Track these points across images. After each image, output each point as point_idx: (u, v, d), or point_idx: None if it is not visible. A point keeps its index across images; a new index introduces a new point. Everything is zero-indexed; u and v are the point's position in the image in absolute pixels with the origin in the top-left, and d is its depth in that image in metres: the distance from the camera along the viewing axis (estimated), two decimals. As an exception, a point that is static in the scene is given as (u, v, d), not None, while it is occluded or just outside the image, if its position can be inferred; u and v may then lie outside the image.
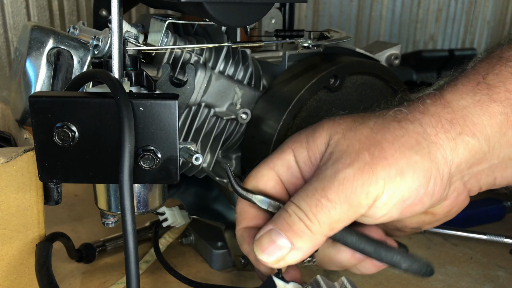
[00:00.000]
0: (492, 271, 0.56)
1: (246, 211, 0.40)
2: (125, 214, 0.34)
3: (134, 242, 0.35)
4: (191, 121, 0.51)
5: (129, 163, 0.34)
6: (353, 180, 0.33)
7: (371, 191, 0.33)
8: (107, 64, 0.40)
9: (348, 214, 0.34)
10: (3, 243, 0.45)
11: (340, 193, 0.34)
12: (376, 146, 0.34)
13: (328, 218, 0.34)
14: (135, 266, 0.35)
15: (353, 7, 1.30)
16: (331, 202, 0.34)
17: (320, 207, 0.34)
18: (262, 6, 0.43)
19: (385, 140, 0.34)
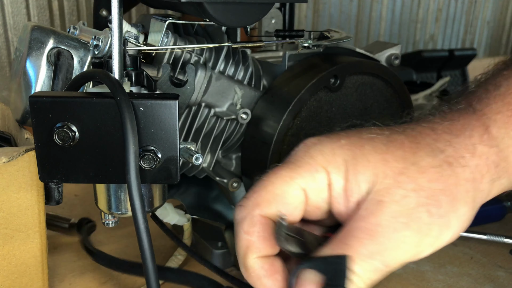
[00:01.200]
0: (492, 271, 0.56)
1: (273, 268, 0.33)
2: (136, 214, 0.34)
3: (149, 239, 0.35)
4: (191, 121, 0.51)
5: (135, 164, 0.34)
6: (410, 243, 0.31)
7: (421, 250, 0.32)
8: (107, 64, 0.40)
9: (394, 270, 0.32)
10: (4, 243, 0.45)
11: (397, 257, 0.31)
12: (434, 201, 0.32)
13: (380, 278, 0.32)
14: (152, 263, 0.35)
15: (353, 7, 1.30)
16: (388, 267, 0.31)
17: (377, 271, 0.31)
18: (262, 6, 0.43)
19: (442, 192, 0.32)
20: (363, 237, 0.31)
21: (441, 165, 0.32)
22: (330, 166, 0.33)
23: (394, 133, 0.34)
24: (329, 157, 0.33)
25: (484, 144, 0.34)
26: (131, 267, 0.52)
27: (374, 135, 0.34)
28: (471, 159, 0.33)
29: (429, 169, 0.32)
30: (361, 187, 0.32)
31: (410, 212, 0.31)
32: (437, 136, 0.34)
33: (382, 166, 0.32)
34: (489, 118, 0.34)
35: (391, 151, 0.33)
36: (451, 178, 0.32)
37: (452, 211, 0.32)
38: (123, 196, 0.42)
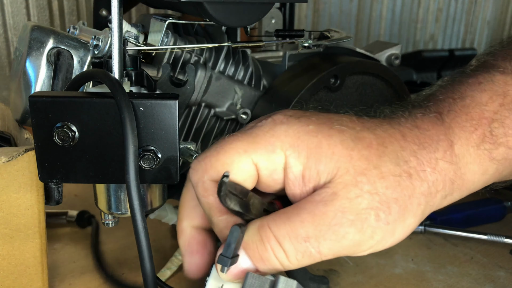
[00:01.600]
0: (492, 271, 0.56)
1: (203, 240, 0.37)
2: (134, 214, 0.34)
3: (147, 240, 0.35)
4: (191, 121, 0.51)
5: (134, 164, 0.34)
6: (351, 240, 0.32)
7: (360, 249, 0.33)
8: (107, 64, 0.40)
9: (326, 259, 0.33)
10: (3, 243, 0.45)
11: (333, 248, 0.32)
12: (385, 206, 0.32)
13: (308, 264, 0.32)
14: (149, 263, 0.35)
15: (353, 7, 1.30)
16: (320, 255, 0.32)
17: (307, 255, 0.31)
18: (262, 6, 0.43)
19: (395, 201, 0.32)
20: (306, 219, 0.31)
21: (401, 175, 0.33)
22: (291, 150, 0.32)
23: (365, 130, 0.34)
24: (292, 141, 0.33)
25: (446, 160, 0.34)
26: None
27: (344, 127, 0.34)
28: (431, 174, 0.34)
29: (389, 176, 0.32)
30: (321, 177, 0.32)
31: (359, 211, 0.31)
32: (405, 144, 0.34)
33: (346, 162, 0.32)
34: (454, 133, 0.35)
35: (358, 149, 0.33)
36: (407, 189, 0.33)
37: (400, 221, 0.33)
38: (123, 196, 0.42)
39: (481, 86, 0.36)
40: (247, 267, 0.32)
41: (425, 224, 0.63)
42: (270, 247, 0.31)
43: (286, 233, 0.31)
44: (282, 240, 0.31)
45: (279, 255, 0.31)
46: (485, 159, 0.35)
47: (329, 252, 0.32)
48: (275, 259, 0.32)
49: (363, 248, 0.33)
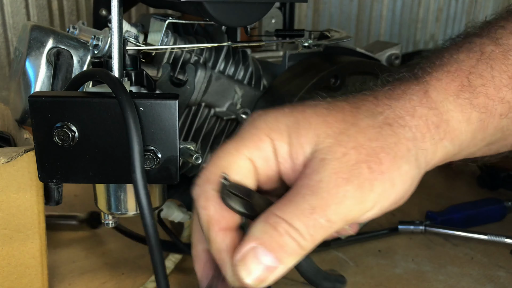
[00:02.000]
0: (492, 271, 0.56)
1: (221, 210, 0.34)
2: (143, 212, 0.34)
3: (156, 237, 0.35)
4: (191, 121, 0.51)
5: (140, 162, 0.34)
6: (352, 198, 0.32)
7: (366, 207, 0.33)
8: (107, 64, 0.40)
9: (340, 227, 0.33)
10: (3, 243, 0.45)
11: (340, 212, 0.32)
12: (374, 157, 0.33)
13: (324, 236, 0.32)
14: (159, 259, 0.35)
15: (353, 7, 1.29)
16: (331, 223, 0.32)
17: (319, 227, 0.31)
18: (262, 6, 0.43)
19: (382, 150, 0.33)
20: (306, 192, 0.32)
21: (380, 126, 0.34)
22: (273, 133, 0.34)
23: (336, 100, 0.36)
24: (272, 125, 0.34)
25: (424, 106, 0.35)
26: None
27: (317, 103, 0.36)
28: (410, 120, 0.34)
29: (368, 129, 0.33)
30: (305, 149, 0.33)
31: (351, 168, 0.32)
32: (377, 101, 0.35)
33: (324, 127, 0.33)
34: (429, 83, 0.36)
35: (332, 114, 0.34)
36: (391, 137, 0.33)
37: (394, 169, 0.33)
38: (122, 196, 0.42)
39: (460, 49, 0.38)
40: (270, 263, 0.31)
41: (425, 224, 0.63)
42: (283, 230, 0.31)
43: (292, 213, 0.31)
44: (291, 220, 0.31)
45: (294, 235, 0.31)
46: (466, 107, 0.35)
47: (338, 217, 0.32)
48: (291, 241, 0.31)
49: (368, 205, 0.33)
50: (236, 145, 0.34)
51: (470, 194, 0.78)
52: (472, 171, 0.86)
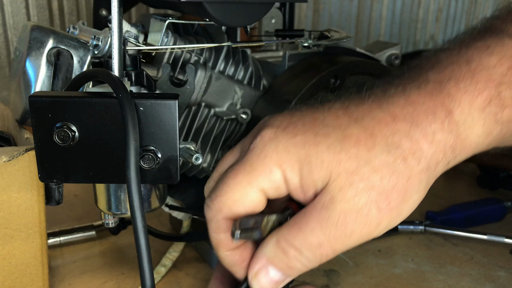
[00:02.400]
0: (492, 271, 0.56)
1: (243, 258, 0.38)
2: (134, 211, 0.34)
3: (146, 239, 0.35)
4: (191, 121, 0.51)
5: (135, 160, 0.34)
6: (359, 234, 0.33)
7: (370, 237, 0.34)
8: (107, 64, 0.40)
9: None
10: (4, 243, 0.45)
11: (346, 244, 0.34)
12: (384, 198, 0.33)
13: (326, 260, 0.34)
14: (148, 264, 0.36)
15: (353, 7, 1.29)
16: (336, 252, 0.34)
17: (325, 257, 0.34)
18: (262, 6, 0.43)
19: (393, 189, 0.33)
20: (315, 226, 0.33)
21: (395, 161, 0.33)
22: (284, 164, 0.34)
23: (351, 125, 0.34)
24: (283, 156, 0.34)
25: (444, 130, 0.33)
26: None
27: (330, 128, 0.34)
28: (427, 149, 0.33)
29: (382, 167, 0.33)
30: (317, 184, 0.34)
31: (359, 209, 0.33)
32: (396, 127, 0.33)
33: (336, 166, 0.33)
34: (454, 100, 0.34)
35: (346, 149, 0.33)
36: (404, 173, 0.33)
37: (403, 202, 0.33)
38: (122, 196, 0.42)
39: (489, 49, 0.35)
40: (279, 278, 0.35)
41: (425, 224, 0.63)
42: (293, 257, 0.34)
43: (302, 243, 0.34)
44: (300, 249, 0.34)
45: (303, 260, 0.34)
46: (490, 122, 0.34)
47: (344, 247, 0.34)
48: (300, 264, 0.34)
49: (374, 234, 0.34)
50: (248, 178, 0.34)
51: (470, 194, 0.78)
52: (472, 171, 0.86)
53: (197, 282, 0.54)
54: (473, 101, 0.34)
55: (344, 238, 0.33)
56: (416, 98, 0.34)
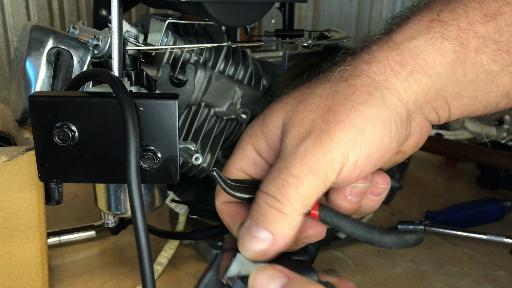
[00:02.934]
0: (492, 271, 0.56)
1: (235, 211, 0.39)
2: (135, 211, 0.34)
3: (146, 239, 0.35)
4: (191, 121, 0.51)
5: (135, 161, 0.34)
6: (313, 151, 0.33)
7: (335, 157, 0.33)
8: (107, 64, 0.40)
9: (317, 185, 0.33)
10: (4, 242, 0.45)
11: (304, 166, 0.33)
12: (329, 111, 0.33)
13: (298, 194, 0.33)
14: (148, 263, 0.35)
15: (353, 7, 1.30)
16: (297, 178, 0.33)
17: (287, 186, 0.33)
18: (262, 6, 0.43)
19: (337, 103, 0.33)
20: (276, 162, 0.34)
21: (336, 85, 0.34)
22: (252, 138, 0.38)
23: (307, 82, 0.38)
24: (249, 132, 0.39)
25: (383, 50, 0.35)
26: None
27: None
28: (367, 68, 0.34)
29: (324, 91, 0.35)
30: (276, 133, 0.36)
31: (308, 127, 0.34)
32: (335, 68, 0.36)
33: (284, 106, 0.36)
34: (393, 31, 0.36)
35: (290, 94, 0.37)
36: (347, 90, 0.34)
37: (355, 116, 0.33)
38: (122, 196, 0.42)
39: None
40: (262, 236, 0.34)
41: (425, 224, 0.63)
42: (262, 201, 0.34)
43: (267, 182, 0.34)
44: (266, 188, 0.34)
45: (270, 202, 0.34)
46: (437, 39, 0.35)
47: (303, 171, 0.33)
48: (269, 208, 0.34)
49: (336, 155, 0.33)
50: (229, 162, 0.39)
51: (469, 194, 0.78)
52: (472, 171, 0.86)
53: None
54: (414, 27, 0.36)
55: (299, 158, 0.33)
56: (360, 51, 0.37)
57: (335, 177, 0.33)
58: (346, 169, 0.33)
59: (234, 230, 0.38)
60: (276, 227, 0.33)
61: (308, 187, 0.33)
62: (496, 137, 0.93)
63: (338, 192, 0.37)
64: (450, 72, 0.35)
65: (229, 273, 0.34)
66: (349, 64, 0.35)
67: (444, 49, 0.35)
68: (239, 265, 0.35)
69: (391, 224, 0.65)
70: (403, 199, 0.73)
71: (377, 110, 0.33)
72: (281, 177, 0.33)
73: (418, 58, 0.35)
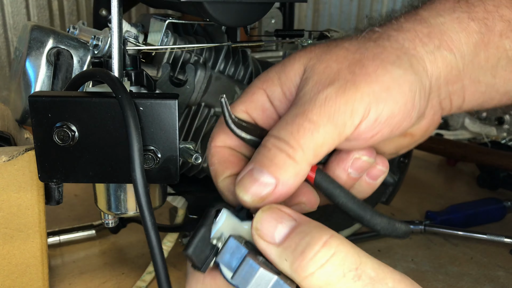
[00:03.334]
0: (492, 271, 0.56)
1: (228, 159, 0.35)
2: (143, 211, 0.34)
3: (157, 237, 0.34)
4: (191, 121, 0.51)
5: (140, 161, 0.34)
6: (335, 98, 0.31)
7: (356, 109, 0.31)
8: (107, 64, 0.40)
9: (333, 135, 0.31)
10: (4, 242, 0.45)
11: (323, 113, 0.31)
12: (356, 64, 0.32)
13: (312, 142, 0.31)
14: (161, 259, 0.34)
15: (353, 7, 1.30)
16: (314, 124, 0.31)
17: (302, 131, 0.31)
18: (262, 6, 0.43)
19: (365, 57, 0.33)
20: (291, 108, 0.33)
21: (364, 42, 0.34)
22: (265, 83, 0.36)
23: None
24: (263, 78, 0.36)
25: (411, 21, 0.35)
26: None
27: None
28: (397, 34, 0.34)
29: (351, 46, 0.34)
30: (295, 80, 0.35)
31: (332, 75, 0.32)
32: (367, 29, 0.35)
33: (307, 54, 0.35)
34: (420, 7, 0.36)
35: (316, 45, 0.35)
36: (375, 49, 0.33)
37: (383, 73, 0.32)
38: (122, 196, 0.42)
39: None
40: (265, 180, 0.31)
41: (425, 224, 0.63)
42: (271, 144, 0.32)
43: (279, 126, 0.32)
44: (278, 133, 0.32)
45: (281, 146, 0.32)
46: (464, 19, 0.34)
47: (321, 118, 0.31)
48: (279, 152, 0.31)
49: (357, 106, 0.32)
50: (235, 103, 0.36)
51: (470, 194, 0.78)
52: (472, 171, 0.86)
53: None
54: (440, 5, 0.35)
55: (319, 105, 0.31)
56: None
57: (352, 131, 0.32)
58: (365, 124, 0.32)
59: (220, 179, 0.35)
60: (282, 172, 0.31)
61: (323, 136, 0.31)
62: (496, 137, 0.93)
63: (339, 161, 0.35)
64: (473, 54, 0.35)
65: (216, 233, 0.31)
66: (378, 28, 0.35)
67: (470, 29, 0.34)
68: (226, 224, 0.32)
69: (391, 224, 0.65)
70: (403, 199, 0.73)
71: (405, 72, 0.33)
72: (296, 121, 0.31)
73: (445, 34, 0.34)
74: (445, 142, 0.86)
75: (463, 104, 0.37)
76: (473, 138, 0.95)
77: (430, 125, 0.37)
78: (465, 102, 0.37)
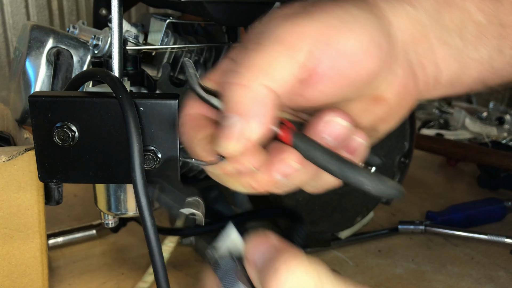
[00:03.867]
0: (493, 271, 0.56)
1: (200, 123, 0.33)
2: (143, 211, 0.34)
3: (156, 237, 0.34)
4: (191, 121, 0.51)
5: (140, 162, 0.34)
6: (283, 22, 0.30)
7: (306, 31, 0.30)
8: (107, 64, 0.40)
9: (282, 54, 0.29)
10: (4, 243, 0.45)
11: (271, 36, 0.29)
12: (313, 4, 0.31)
13: (258, 59, 0.29)
14: (160, 260, 0.35)
15: (353, 7, 1.29)
16: (259, 45, 0.29)
17: (246, 54, 0.29)
18: (262, 6, 0.43)
19: (323, 2, 0.31)
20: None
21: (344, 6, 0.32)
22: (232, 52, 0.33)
23: None
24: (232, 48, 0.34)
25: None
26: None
27: None
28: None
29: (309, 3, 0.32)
30: None
31: (284, 15, 0.31)
32: None
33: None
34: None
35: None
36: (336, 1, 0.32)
37: (338, 9, 0.31)
38: (122, 196, 0.42)
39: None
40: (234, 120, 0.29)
41: (426, 224, 0.63)
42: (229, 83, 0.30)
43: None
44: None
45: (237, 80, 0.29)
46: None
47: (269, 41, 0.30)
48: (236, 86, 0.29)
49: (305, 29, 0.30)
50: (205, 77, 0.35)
51: (470, 194, 0.78)
52: (472, 171, 0.86)
53: (197, 282, 0.54)
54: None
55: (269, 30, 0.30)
56: None
57: (305, 56, 0.29)
58: (319, 50, 0.29)
59: (195, 141, 0.33)
60: (241, 106, 0.29)
61: (271, 54, 0.29)
62: (497, 137, 0.93)
63: (312, 126, 0.32)
64: (437, 12, 0.34)
65: (219, 251, 0.32)
66: None
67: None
68: (227, 241, 0.32)
69: (392, 224, 0.65)
70: (403, 199, 0.73)
71: (362, 12, 0.31)
72: (244, 51, 0.29)
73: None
74: (445, 142, 0.86)
75: (438, 73, 0.35)
76: (474, 138, 0.95)
77: (403, 90, 0.35)
78: (440, 70, 0.35)
